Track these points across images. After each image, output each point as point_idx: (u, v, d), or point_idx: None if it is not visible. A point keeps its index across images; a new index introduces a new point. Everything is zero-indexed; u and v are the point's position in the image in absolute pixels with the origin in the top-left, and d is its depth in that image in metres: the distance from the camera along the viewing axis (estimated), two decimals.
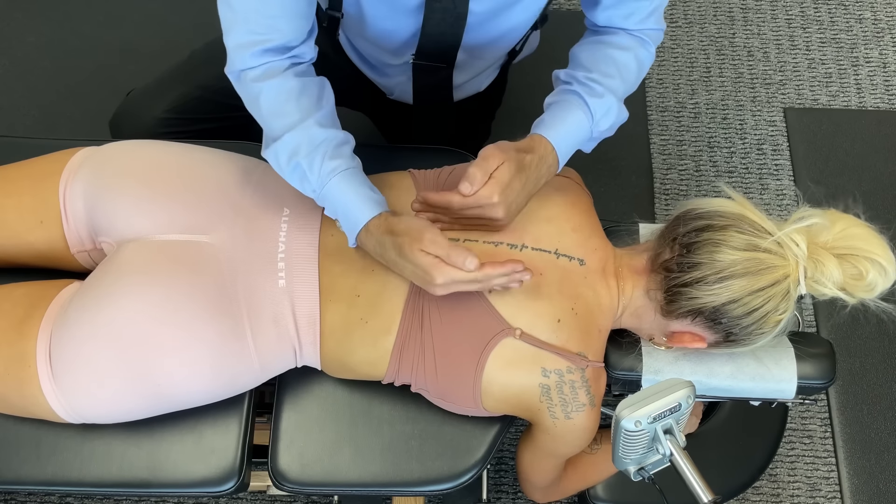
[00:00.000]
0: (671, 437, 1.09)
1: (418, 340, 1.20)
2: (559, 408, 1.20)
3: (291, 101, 1.16)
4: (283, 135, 1.15)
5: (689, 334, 1.20)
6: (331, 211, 1.18)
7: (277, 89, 1.16)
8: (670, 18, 2.38)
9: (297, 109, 1.15)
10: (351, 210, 1.15)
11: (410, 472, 1.29)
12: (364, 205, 1.15)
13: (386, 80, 1.54)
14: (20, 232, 1.29)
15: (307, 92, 1.17)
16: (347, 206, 1.15)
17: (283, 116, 1.15)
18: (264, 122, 1.18)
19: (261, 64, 1.16)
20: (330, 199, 1.16)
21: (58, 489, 1.27)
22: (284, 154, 1.15)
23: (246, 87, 1.18)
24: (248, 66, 1.16)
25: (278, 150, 1.15)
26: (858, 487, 1.83)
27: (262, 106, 1.16)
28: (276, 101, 1.16)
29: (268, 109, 1.16)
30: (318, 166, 1.14)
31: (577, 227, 1.25)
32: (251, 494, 1.79)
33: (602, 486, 1.49)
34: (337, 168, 1.14)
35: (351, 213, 1.15)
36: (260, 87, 1.16)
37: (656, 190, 2.14)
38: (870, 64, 2.33)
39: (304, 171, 1.15)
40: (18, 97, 2.17)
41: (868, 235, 1.15)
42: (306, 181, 1.15)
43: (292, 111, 1.15)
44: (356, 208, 1.15)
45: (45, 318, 1.19)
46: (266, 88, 1.16)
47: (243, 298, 1.20)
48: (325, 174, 1.14)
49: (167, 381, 1.18)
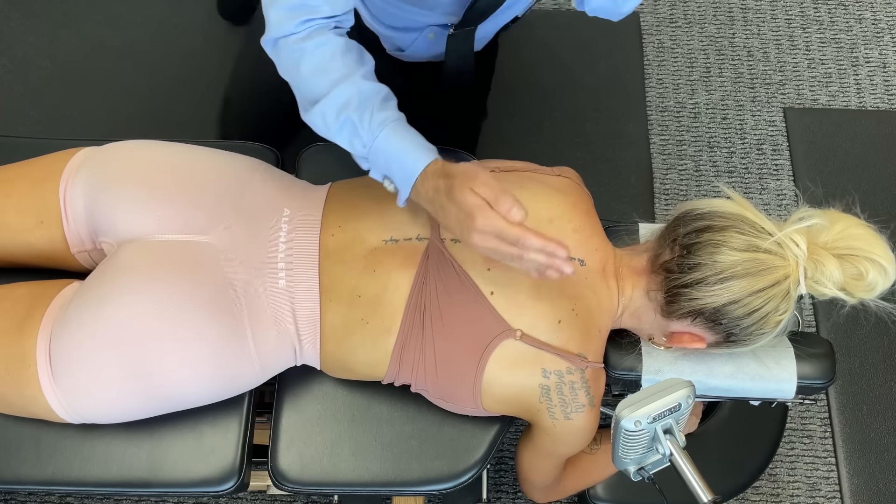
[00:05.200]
0: (671, 436, 1.09)
1: (419, 341, 1.20)
2: (559, 408, 1.20)
3: (337, 58, 1.14)
4: (330, 90, 1.12)
5: (688, 335, 1.20)
6: (382, 165, 1.13)
7: (323, 47, 1.13)
8: (670, 18, 2.38)
9: (343, 65, 1.14)
10: (407, 158, 1.12)
11: (410, 471, 1.30)
12: (420, 151, 1.12)
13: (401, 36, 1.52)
14: (20, 232, 1.29)
15: (350, 49, 1.16)
16: (403, 154, 1.12)
17: (330, 73, 1.13)
18: (305, 82, 1.14)
19: (305, 29, 1.14)
20: (382, 151, 1.12)
21: (58, 489, 1.27)
22: (333, 110, 1.12)
23: (286, 52, 1.15)
24: (291, 32, 1.13)
25: (325, 108, 1.13)
26: (858, 487, 1.83)
27: (304, 66, 1.14)
28: (322, 59, 1.13)
29: (312, 68, 1.14)
30: (367, 118, 1.11)
31: (577, 228, 1.25)
32: (251, 494, 1.79)
33: (602, 486, 1.49)
34: (387, 119, 1.12)
35: (407, 162, 1.11)
36: (303, 47, 1.13)
37: (656, 190, 2.14)
38: (870, 64, 2.33)
39: (354, 125, 1.12)
40: (18, 97, 2.17)
41: (868, 235, 1.15)
42: (356, 136, 1.13)
43: (338, 67, 1.14)
44: (413, 156, 1.12)
45: (45, 318, 1.19)
46: (310, 48, 1.13)
47: (244, 298, 1.20)
48: (375, 126, 1.12)
49: (167, 381, 1.18)
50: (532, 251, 1.05)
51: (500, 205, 1.04)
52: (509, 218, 1.04)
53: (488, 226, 1.04)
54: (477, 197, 1.05)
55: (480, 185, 1.05)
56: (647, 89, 2.27)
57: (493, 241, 1.06)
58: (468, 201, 1.05)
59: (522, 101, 2.21)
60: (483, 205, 1.05)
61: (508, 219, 1.04)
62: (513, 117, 2.19)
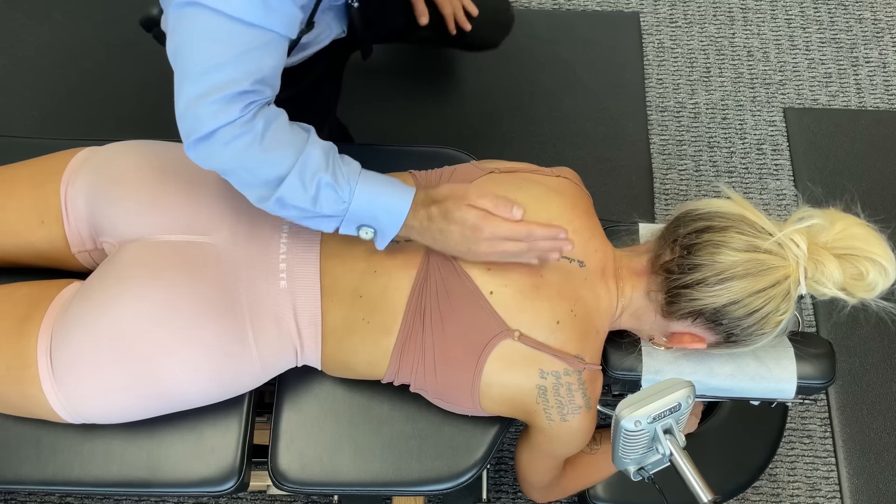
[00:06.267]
0: (671, 436, 1.10)
1: (419, 341, 1.20)
2: (555, 410, 1.20)
3: (288, 128, 1.08)
4: (297, 158, 1.06)
5: (689, 335, 1.20)
6: (363, 214, 1.10)
7: (274, 123, 1.06)
8: (670, 18, 2.38)
9: (297, 132, 1.09)
10: (391, 199, 1.10)
11: (410, 471, 1.30)
12: (401, 188, 1.11)
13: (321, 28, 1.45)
14: (21, 232, 1.29)
15: (285, 115, 1.10)
16: (386, 197, 1.10)
17: (292, 143, 1.07)
18: (266, 161, 1.06)
19: (249, 112, 1.04)
20: (364, 200, 1.09)
21: (58, 489, 1.27)
22: (307, 176, 1.07)
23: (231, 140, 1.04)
24: (236, 118, 1.03)
25: (296, 179, 1.06)
26: (858, 487, 1.83)
27: (264, 144, 1.05)
28: (279, 132, 1.06)
29: (272, 143, 1.05)
30: (340, 174, 1.08)
31: (577, 230, 1.25)
32: (251, 494, 1.79)
33: (602, 486, 1.49)
34: (355, 168, 1.11)
35: (392, 201, 1.10)
36: (254, 127, 1.04)
37: (656, 190, 2.14)
38: (869, 64, 2.33)
39: (332, 185, 1.07)
40: (18, 97, 2.17)
41: (868, 235, 1.15)
42: (335, 194, 1.08)
43: (295, 134, 1.08)
44: (396, 194, 1.11)
45: (46, 318, 1.19)
46: (261, 127, 1.05)
47: (245, 299, 1.20)
48: (351, 178, 1.09)
49: (168, 381, 1.18)
50: (540, 241, 1.12)
51: (501, 210, 1.10)
52: (513, 218, 1.11)
53: (497, 232, 1.10)
54: (476, 209, 1.10)
55: (476, 198, 1.10)
56: (647, 89, 2.27)
57: (501, 245, 1.12)
58: (469, 216, 1.10)
59: (522, 101, 2.22)
60: (485, 214, 1.10)
61: (512, 219, 1.10)
62: (513, 117, 2.19)
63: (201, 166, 1.08)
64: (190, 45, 1.03)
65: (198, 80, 1.02)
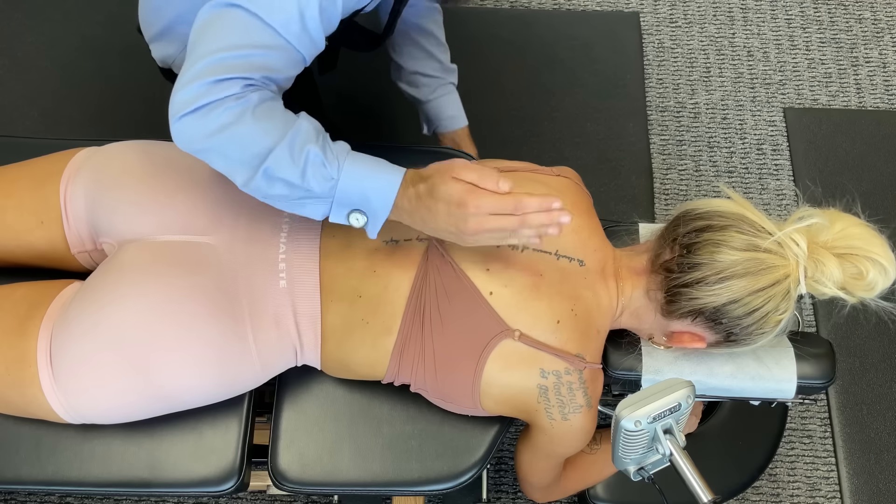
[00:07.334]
0: (671, 436, 1.10)
1: (419, 341, 1.20)
2: (556, 409, 1.20)
3: (281, 106, 1.08)
4: (288, 130, 1.04)
5: (688, 334, 1.20)
6: (352, 195, 1.06)
7: (267, 100, 1.06)
8: (670, 18, 2.38)
9: (286, 113, 1.07)
10: (380, 177, 1.06)
11: (410, 471, 1.30)
12: (389, 166, 1.08)
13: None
14: (21, 232, 1.29)
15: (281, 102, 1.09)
16: (375, 174, 1.06)
17: (283, 115, 1.06)
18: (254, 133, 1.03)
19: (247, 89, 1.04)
20: (353, 178, 1.05)
21: (58, 489, 1.27)
22: (296, 146, 1.04)
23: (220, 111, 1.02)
24: (230, 94, 1.02)
25: (285, 150, 1.03)
26: (858, 487, 1.83)
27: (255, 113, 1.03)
28: (271, 105, 1.06)
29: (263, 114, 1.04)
30: (329, 150, 1.05)
31: (576, 228, 1.25)
32: (251, 494, 1.79)
33: (602, 486, 1.49)
34: (344, 147, 1.08)
35: (382, 179, 1.06)
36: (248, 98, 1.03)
37: (656, 190, 2.14)
38: (869, 64, 2.33)
39: (321, 158, 1.04)
40: (18, 97, 2.17)
41: (868, 235, 1.15)
42: (323, 169, 1.04)
43: (286, 112, 1.08)
44: (385, 172, 1.07)
45: (46, 318, 1.19)
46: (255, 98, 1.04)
47: (245, 299, 1.20)
48: (340, 154, 1.06)
49: (168, 381, 1.18)
50: (532, 213, 1.03)
51: (486, 182, 1.03)
52: (499, 190, 1.03)
53: (482, 205, 1.03)
54: (461, 182, 1.03)
55: (460, 170, 1.04)
56: (647, 89, 2.27)
57: (489, 221, 1.04)
58: (454, 190, 1.03)
59: (522, 102, 2.22)
60: (470, 188, 1.03)
61: (498, 192, 1.03)
62: (513, 117, 2.19)
63: (182, 146, 1.05)
64: (215, 31, 1.04)
65: (214, 54, 1.02)
